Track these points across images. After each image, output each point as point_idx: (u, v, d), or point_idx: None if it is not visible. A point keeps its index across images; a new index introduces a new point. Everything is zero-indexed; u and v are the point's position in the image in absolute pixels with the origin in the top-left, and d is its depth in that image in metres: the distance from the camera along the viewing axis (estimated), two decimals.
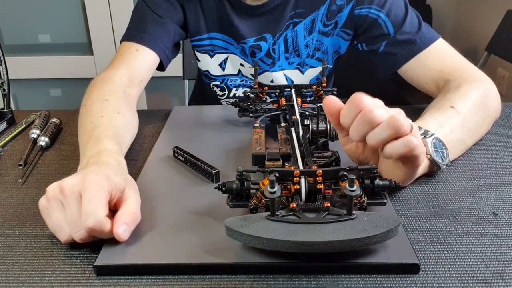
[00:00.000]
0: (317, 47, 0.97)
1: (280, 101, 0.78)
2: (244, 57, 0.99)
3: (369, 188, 0.52)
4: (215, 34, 0.98)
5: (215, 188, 0.53)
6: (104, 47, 2.17)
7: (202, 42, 0.99)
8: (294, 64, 0.99)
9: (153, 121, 0.87)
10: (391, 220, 0.46)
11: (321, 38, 0.95)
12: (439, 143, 0.63)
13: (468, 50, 2.23)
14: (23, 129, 0.85)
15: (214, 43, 0.99)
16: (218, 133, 0.80)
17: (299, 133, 0.64)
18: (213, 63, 1.02)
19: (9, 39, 2.21)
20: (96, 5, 2.09)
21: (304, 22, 0.93)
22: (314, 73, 1.00)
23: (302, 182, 0.51)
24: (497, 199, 0.60)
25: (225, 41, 0.98)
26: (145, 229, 0.53)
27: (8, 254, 0.52)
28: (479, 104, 0.72)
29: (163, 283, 0.47)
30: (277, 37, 0.95)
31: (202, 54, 1.02)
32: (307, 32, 0.94)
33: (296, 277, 0.47)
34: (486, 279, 0.47)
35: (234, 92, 1.06)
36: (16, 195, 0.64)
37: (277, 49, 0.96)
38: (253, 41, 0.95)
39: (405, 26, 0.87)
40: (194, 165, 0.66)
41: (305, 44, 0.96)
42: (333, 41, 0.96)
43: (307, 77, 1.00)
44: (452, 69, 0.82)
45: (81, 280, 0.48)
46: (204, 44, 1.00)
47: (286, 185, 0.52)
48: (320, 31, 0.94)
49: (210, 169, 0.63)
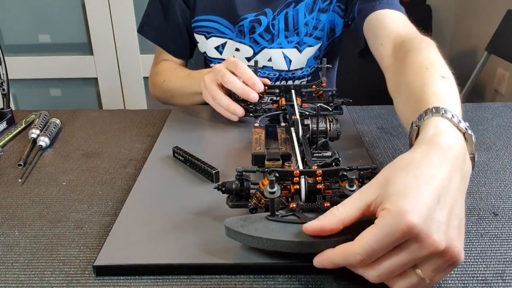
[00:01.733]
0: (316, 26, 0.99)
1: (280, 100, 0.77)
2: (241, 38, 1.01)
3: None
4: (211, 16, 1.01)
5: (214, 188, 0.53)
6: (104, 47, 2.17)
7: (199, 23, 1.03)
8: (293, 43, 1.00)
9: (153, 121, 0.87)
10: None
11: (319, 16, 0.98)
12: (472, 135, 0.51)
13: (468, 50, 2.23)
14: (22, 129, 0.84)
15: (209, 25, 1.02)
16: (218, 133, 0.80)
17: (299, 133, 0.64)
18: (209, 45, 1.04)
19: (9, 39, 2.21)
20: (96, 5, 2.09)
21: (306, 1, 0.96)
22: (311, 52, 1.02)
23: (302, 182, 0.51)
24: (497, 199, 0.60)
25: (222, 25, 1.01)
26: (144, 229, 0.53)
27: (7, 254, 0.52)
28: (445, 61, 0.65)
29: (163, 283, 0.47)
30: (277, 13, 0.97)
31: (199, 35, 1.04)
32: (308, 11, 0.97)
33: (296, 277, 0.47)
34: (486, 279, 0.47)
35: None
36: (16, 195, 0.64)
37: (276, 25, 0.98)
38: (253, 16, 0.98)
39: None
40: (194, 165, 0.66)
41: (305, 23, 0.98)
42: (329, 17, 0.99)
43: (304, 55, 1.02)
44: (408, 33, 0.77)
45: (80, 280, 0.48)
46: (201, 25, 1.03)
47: (286, 185, 0.52)
48: (319, 9, 0.97)
49: (210, 169, 0.63)
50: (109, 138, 0.80)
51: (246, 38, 1.00)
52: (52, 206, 0.61)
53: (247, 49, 1.02)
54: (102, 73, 2.22)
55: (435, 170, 0.41)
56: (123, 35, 2.11)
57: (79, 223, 0.57)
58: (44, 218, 0.58)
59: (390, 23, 0.82)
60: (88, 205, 0.61)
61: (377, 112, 0.89)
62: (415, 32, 0.78)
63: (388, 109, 0.90)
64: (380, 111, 0.89)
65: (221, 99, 0.79)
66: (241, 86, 0.76)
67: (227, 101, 0.78)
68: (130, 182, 0.66)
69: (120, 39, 2.12)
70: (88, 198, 0.62)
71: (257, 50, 1.01)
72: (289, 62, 1.02)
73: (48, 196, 0.63)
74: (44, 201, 0.62)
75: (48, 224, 0.57)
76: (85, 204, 0.61)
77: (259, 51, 1.01)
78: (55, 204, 0.61)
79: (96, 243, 0.53)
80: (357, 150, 0.71)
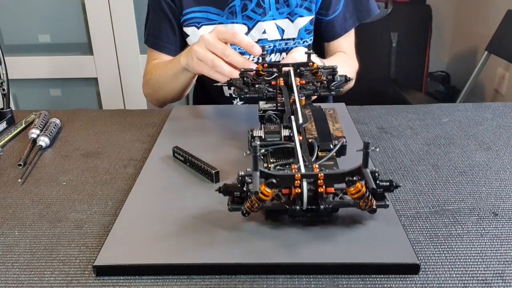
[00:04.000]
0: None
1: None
2: (232, 19, 1.02)
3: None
4: (198, 7, 1.02)
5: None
6: (104, 47, 2.16)
7: (187, 16, 1.03)
8: (284, 14, 1.03)
9: (153, 121, 0.87)
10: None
11: None
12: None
13: (468, 50, 2.23)
14: (22, 129, 0.84)
15: (198, 16, 1.03)
16: (218, 133, 0.80)
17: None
18: (201, 34, 1.03)
19: (9, 39, 2.21)
20: (96, 5, 2.09)
21: None
22: (304, 22, 1.04)
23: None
24: (497, 199, 0.60)
25: (210, 12, 1.02)
26: (144, 229, 0.53)
27: (7, 254, 0.52)
28: (354, 69, 1.06)
29: (163, 283, 0.47)
30: None
31: (189, 28, 1.04)
32: None
33: (296, 277, 0.47)
34: (486, 279, 0.47)
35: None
36: (16, 195, 0.64)
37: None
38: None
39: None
40: (194, 165, 0.66)
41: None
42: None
43: (296, 26, 1.04)
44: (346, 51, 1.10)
45: (80, 280, 0.48)
46: (190, 17, 1.03)
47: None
48: None
49: (210, 169, 0.63)
50: (109, 138, 0.80)
51: (238, 17, 1.02)
52: (52, 206, 0.61)
53: (240, 27, 1.03)
54: (102, 73, 2.22)
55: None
56: (123, 35, 2.11)
57: (79, 223, 0.57)
58: (44, 218, 0.58)
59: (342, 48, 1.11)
60: (88, 205, 0.61)
61: (377, 112, 0.89)
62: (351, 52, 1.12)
63: (388, 109, 0.90)
64: (380, 111, 0.89)
65: (223, 66, 0.77)
66: (242, 60, 0.77)
67: (229, 68, 0.77)
68: (130, 182, 0.66)
69: (120, 39, 2.12)
70: (88, 198, 0.62)
71: (251, 25, 1.03)
72: (282, 32, 1.05)
73: (48, 196, 0.63)
74: (44, 201, 0.62)
75: (48, 224, 0.57)
76: (85, 204, 0.61)
77: (253, 26, 1.03)
78: (55, 204, 0.61)
79: (96, 243, 0.53)
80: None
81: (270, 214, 0.54)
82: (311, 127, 0.64)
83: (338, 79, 0.74)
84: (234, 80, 0.77)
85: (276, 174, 0.50)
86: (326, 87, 0.74)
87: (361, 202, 0.50)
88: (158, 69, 1.02)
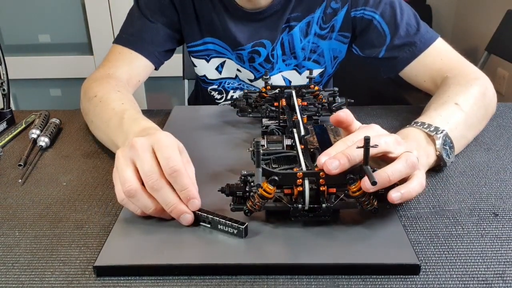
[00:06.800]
0: (313, 50, 0.96)
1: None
2: (240, 63, 0.99)
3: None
4: (210, 39, 0.97)
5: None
6: (104, 47, 2.16)
7: (197, 48, 0.99)
8: (291, 65, 0.99)
9: (153, 121, 0.87)
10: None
11: (317, 41, 0.95)
12: (448, 140, 0.65)
13: (468, 50, 2.23)
14: (23, 129, 0.84)
15: (209, 48, 0.99)
16: (218, 133, 0.80)
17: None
18: (210, 67, 1.02)
19: (9, 39, 2.21)
20: (96, 5, 2.09)
21: (299, 26, 0.93)
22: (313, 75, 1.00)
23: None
24: (498, 199, 0.60)
25: (220, 46, 0.98)
26: (145, 229, 0.53)
27: (8, 254, 0.52)
28: (479, 102, 0.75)
29: (163, 283, 0.47)
30: (276, 43, 0.95)
31: (199, 60, 1.01)
32: (302, 35, 0.94)
33: (296, 278, 0.47)
34: (487, 279, 0.47)
35: (231, 94, 1.06)
36: (16, 196, 0.64)
37: (275, 54, 0.96)
38: (250, 47, 0.95)
39: (402, 28, 0.87)
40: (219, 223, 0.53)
41: (302, 47, 0.96)
42: (331, 45, 0.96)
43: (304, 78, 1.00)
44: (450, 67, 0.83)
45: (81, 280, 0.48)
46: (199, 49, 0.99)
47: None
48: (316, 34, 0.94)
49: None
50: None
51: (246, 64, 0.99)
52: (53, 206, 0.61)
53: (247, 73, 1.00)
54: None
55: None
56: None
57: (79, 223, 0.57)
58: (45, 219, 0.58)
59: (430, 64, 0.86)
60: (88, 205, 0.61)
61: (377, 112, 0.88)
62: (458, 62, 0.85)
63: (388, 109, 0.90)
64: (380, 111, 0.89)
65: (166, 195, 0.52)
66: (174, 201, 0.52)
67: (174, 198, 0.52)
68: None
69: None
70: (88, 199, 0.62)
71: (258, 76, 1.00)
72: (288, 83, 1.01)
73: (49, 197, 0.63)
74: (44, 202, 0.62)
75: (49, 225, 0.57)
76: (85, 204, 0.61)
77: (259, 77, 1.00)
78: (56, 205, 0.61)
79: (96, 243, 0.53)
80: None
81: (271, 215, 0.54)
82: (312, 139, 0.65)
83: (339, 101, 0.78)
84: (237, 101, 0.80)
85: (278, 172, 0.50)
86: (327, 108, 0.77)
87: (363, 201, 0.50)
88: (106, 100, 0.75)
